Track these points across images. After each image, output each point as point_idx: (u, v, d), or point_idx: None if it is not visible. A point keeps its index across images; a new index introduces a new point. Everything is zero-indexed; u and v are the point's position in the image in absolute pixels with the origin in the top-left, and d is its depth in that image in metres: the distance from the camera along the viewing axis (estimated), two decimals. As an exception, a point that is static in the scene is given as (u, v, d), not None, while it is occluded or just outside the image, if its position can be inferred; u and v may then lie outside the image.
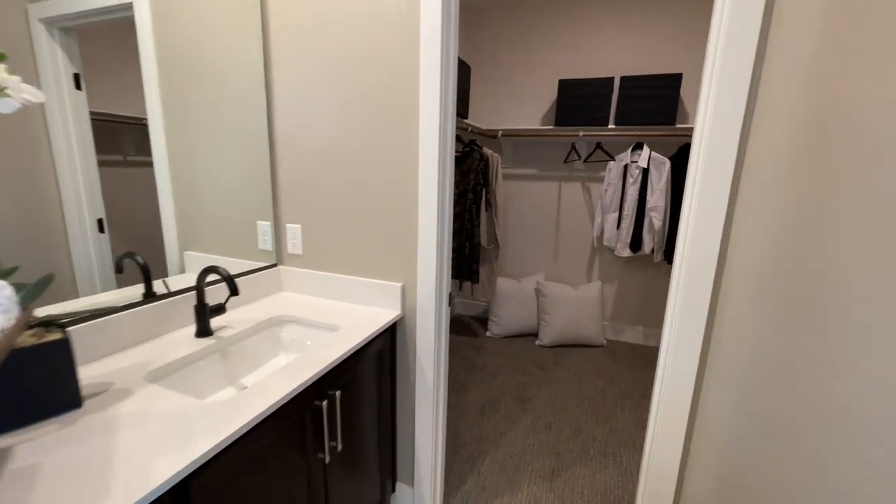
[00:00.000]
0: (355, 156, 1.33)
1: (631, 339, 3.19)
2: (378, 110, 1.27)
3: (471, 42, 3.16)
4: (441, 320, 1.37)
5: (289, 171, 1.45)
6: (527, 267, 3.36)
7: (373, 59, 1.25)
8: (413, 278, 1.34)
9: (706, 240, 0.99)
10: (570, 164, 3.08)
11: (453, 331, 3.28)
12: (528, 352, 2.95)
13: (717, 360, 1.05)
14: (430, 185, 1.24)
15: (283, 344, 1.32)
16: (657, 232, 2.66)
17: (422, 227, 1.28)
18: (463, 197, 2.56)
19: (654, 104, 2.60)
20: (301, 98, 1.37)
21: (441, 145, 1.22)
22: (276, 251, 1.55)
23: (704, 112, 0.96)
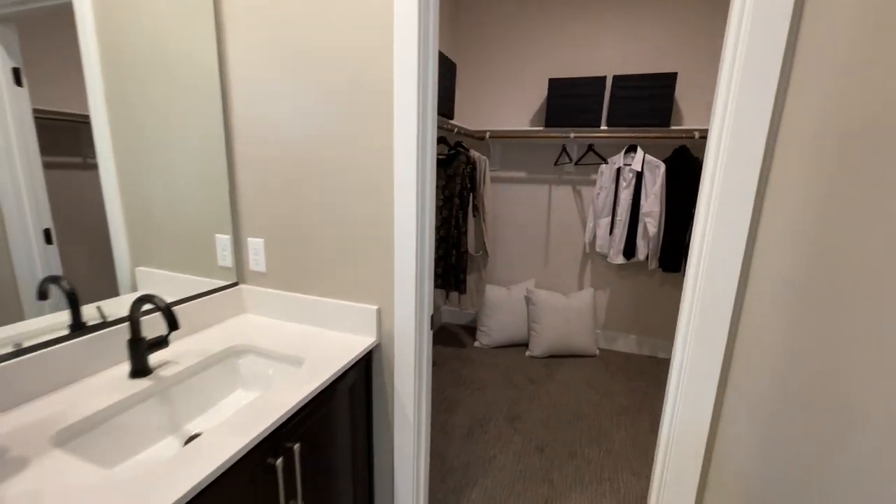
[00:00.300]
0: (323, 162, 1.17)
1: (624, 348, 3.08)
2: (348, 110, 1.11)
3: (456, 39, 3.01)
4: (422, 347, 1.22)
5: (249, 178, 1.28)
6: (516, 274, 3.23)
7: (341, 53, 1.09)
8: (390, 300, 1.19)
9: (726, 255, 0.85)
10: (560, 166, 2.96)
11: (439, 341, 3.13)
12: (518, 363, 2.82)
13: (738, 398, 0.91)
14: (407, 193, 1.08)
15: (242, 378, 1.15)
16: (652, 238, 2.55)
17: (399, 242, 1.12)
18: (449, 202, 2.42)
19: (647, 105, 2.49)
20: (260, 96, 1.20)
21: (420, 149, 1.06)
22: (238, 268, 1.38)
23: (724, 112, 0.83)
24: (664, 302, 2.91)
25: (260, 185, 1.27)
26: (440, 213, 2.43)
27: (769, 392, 0.88)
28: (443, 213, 2.43)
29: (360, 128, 1.11)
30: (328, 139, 1.15)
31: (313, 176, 1.19)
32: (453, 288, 2.50)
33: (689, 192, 2.47)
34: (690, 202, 2.48)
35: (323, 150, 1.16)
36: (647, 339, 3.01)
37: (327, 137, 1.15)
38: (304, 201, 1.22)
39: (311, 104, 1.15)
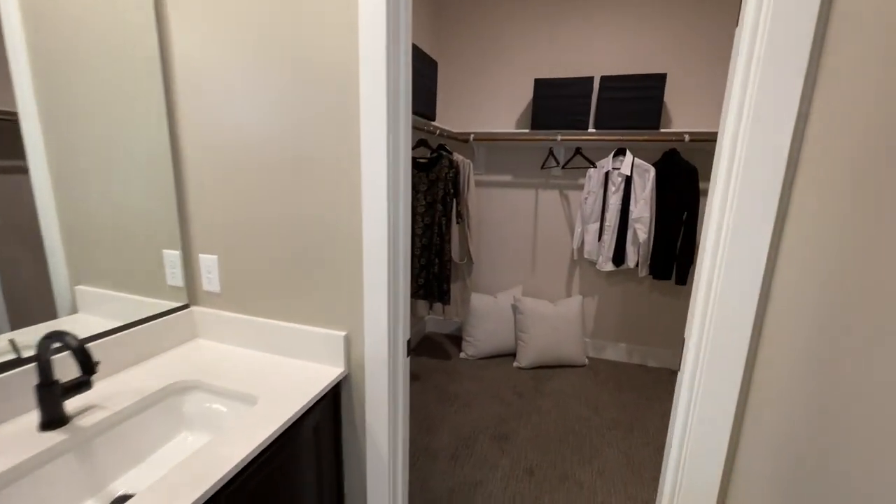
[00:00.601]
0: (281, 167, 1.03)
1: (613, 357, 2.99)
2: (309, 110, 0.97)
3: (438, 36, 2.89)
4: (397, 377, 1.08)
5: (199, 185, 1.13)
6: (503, 281, 3.11)
7: (299, 43, 0.95)
8: (359, 324, 1.05)
9: (745, 270, 0.74)
10: (547, 170, 2.86)
11: (423, 352, 2.99)
12: (505, 376, 2.70)
13: (757, 436, 0.80)
14: (376, 203, 0.95)
15: (188, 419, 1.00)
16: (642, 245, 2.46)
17: (368, 259, 0.98)
18: (431, 208, 2.29)
19: (636, 106, 2.40)
20: (210, 94, 1.05)
21: (391, 151, 0.93)
22: (189, 288, 1.22)
23: (740, 105, 0.71)
24: (654, 309, 2.83)
25: (212, 195, 1.12)
26: (422, 220, 2.30)
27: (793, 440, 0.77)
28: (425, 219, 2.30)
29: (323, 129, 0.97)
30: (286, 143, 1.01)
31: (270, 184, 1.05)
32: (436, 298, 2.36)
33: (679, 197, 2.39)
34: (681, 207, 2.40)
35: (281, 156, 1.02)
36: (636, 348, 2.93)
37: (286, 141, 1.01)
38: (261, 213, 1.08)
39: (266, 103, 1.00)
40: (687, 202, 2.37)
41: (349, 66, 0.92)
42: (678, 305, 2.77)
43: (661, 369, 2.86)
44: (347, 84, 0.93)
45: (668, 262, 2.46)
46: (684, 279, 2.45)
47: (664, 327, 2.84)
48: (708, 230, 0.79)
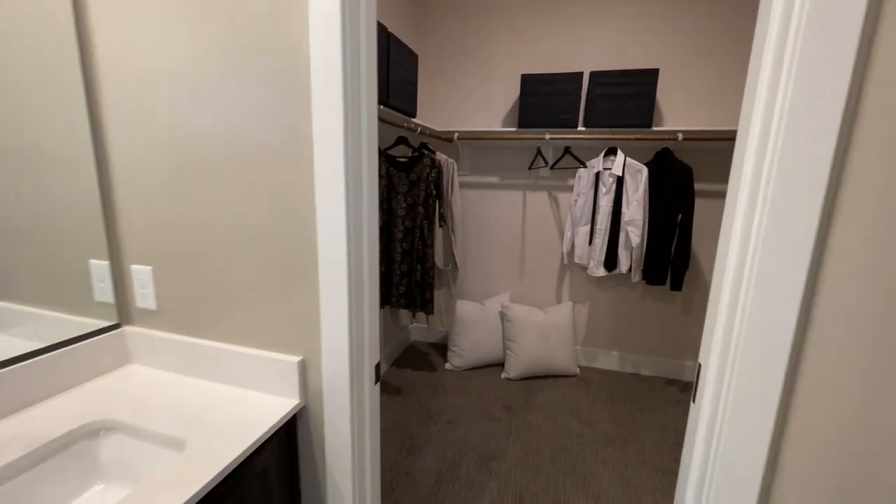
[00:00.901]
0: (223, 165, 0.86)
1: (605, 365, 2.86)
2: (251, 97, 0.81)
3: (419, 29, 2.74)
4: (363, 410, 0.92)
5: (128, 183, 0.96)
6: (490, 287, 2.97)
7: (240, 22, 0.79)
8: (317, 347, 0.89)
9: (781, 285, 0.60)
10: (535, 170, 2.73)
11: (407, 364, 2.82)
12: (493, 388, 2.55)
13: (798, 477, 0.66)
14: (331, 202, 0.79)
15: (102, 467, 0.82)
16: (634, 249, 2.34)
17: (325, 268, 0.82)
18: (412, 211, 2.13)
19: (628, 103, 2.29)
20: (138, 76, 0.88)
21: (349, 147, 0.77)
22: (120, 305, 1.04)
23: (769, 106, 0.58)
24: (647, 316, 2.72)
25: (144, 194, 0.95)
26: (402, 224, 2.14)
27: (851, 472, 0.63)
28: (405, 223, 2.14)
29: (270, 121, 0.81)
30: (226, 137, 0.85)
31: (210, 185, 0.88)
32: (419, 308, 2.21)
33: (673, 199, 2.27)
34: (675, 209, 2.29)
35: (222, 152, 0.86)
36: (629, 356, 2.81)
37: (225, 135, 0.85)
38: (201, 215, 0.91)
39: (200, 89, 0.84)
40: (681, 204, 2.26)
41: (299, 46, 0.76)
42: (672, 311, 2.66)
43: (654, 378, 2.74)
44: (297, 67, 0.77)
45: (663, 266, 2.35)
46: (679, 285, 2.34)
47: (658, 334, 2.72)
48: (730, 241, 0.65)
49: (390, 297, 2.20)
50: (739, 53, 2.26)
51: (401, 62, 1.87)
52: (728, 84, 2.31)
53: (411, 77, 2.03)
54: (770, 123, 0.58)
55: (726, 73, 2.30)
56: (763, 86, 0.59)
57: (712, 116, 2.36)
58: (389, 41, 1.74)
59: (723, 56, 2.29)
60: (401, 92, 1.93)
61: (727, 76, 2.30)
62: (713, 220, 2.46)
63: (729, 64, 2.29)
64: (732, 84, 2.30)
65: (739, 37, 2.25)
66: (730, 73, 2.29)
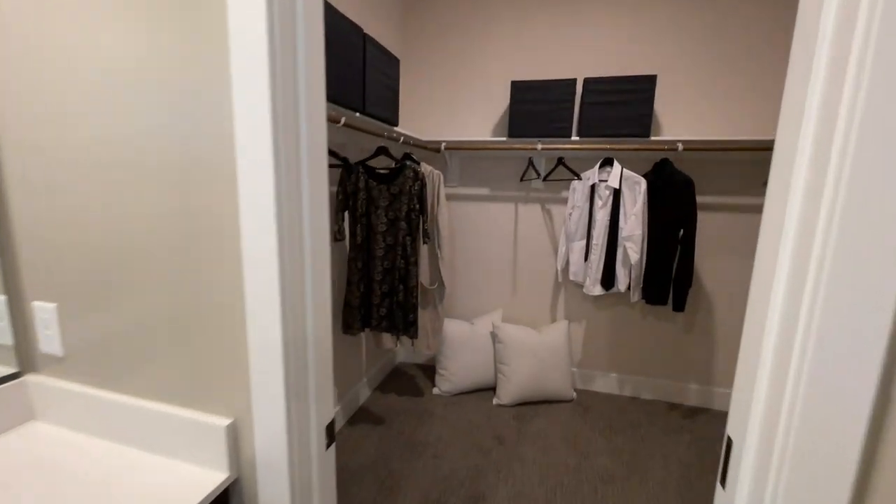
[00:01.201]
0: (138, 178, 0.70)
1: (603, 388, 2.69)
2: (161, 88, 0.65)
3: (405, 34, 2.61)
4: (310, 482, 0.74)
5: (26, 206, 0.79)
6: (480, 305, 2.80)
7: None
8: (247, 406, 0.71)
9: (862, 325, 0.44)
10: (527, 182, 2.58)
11: (391, 389, 2.63)
12: (484, 415, 2.37)
13: None
14: (260, 224, 0.62)
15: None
16: (634, 266, 2.19)
17: (252, 306, 0.66)
18: (394, 226, 1.97)
19: (624, 112, 2.16)
20: (27, 62, 0.72)
21: (281, 153, 0.61)
22: (21, 349, 0.87)
23: (823, 122, 0.42)
24: (647, 336, 2.56)
25: (45, 218, 0.78)
26: (383, 240, 1.97)
27: None
28: (387, 239, 1.98)
29: (183, 114, 0.65)
30: (137, 142, 0.68)
31: (119, 199, 0.72)
32: (402, 331, 2.03)
33: (674, 213, 2.13)
34: (676, 224, 2.14)
35: (135, 159, 0.69)
36: (628, 378, 2.64)
37: (135, 140, 0.68)
38: (110, 242, 0.74)
39: (102, 80, 0.68)
40: (683, 218, 2.12)
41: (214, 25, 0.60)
42: (674, 331, 2.50)
43: (655, 402, 2.57)
44: (214, 47, 0.61)
45: (664, 285, 2.19)
46: (682, 305, 2.18)
47: (658, 355, 2.56)
48: (774, 276, 0.49)
49: (370, 319, 2.03)
50: (741, 59, 2.14)
51: (379, 67, 1.73)
52: (729, 91, 2.18)
53: (391, 83, 1.88)
54: (831, 133, 0.42)
55: (727, 80, 2.18)
56: (815, 91, 0.44)
57: (713, 126, 2.23)
58: (366, 44, 1.60)
59: (722, 62, 2.17)
60: (380, 99, 1.78)
61: (728, 83, 2.18)
62: (716, 235, 2.32)
63: (730, 70, 2.17)
64: (734, 91, 2.18)
65: (740, 42, 2.13)
66: (731, 80, 2.17)
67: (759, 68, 2.13)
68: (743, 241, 2.30)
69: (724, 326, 2.42)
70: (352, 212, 1.93)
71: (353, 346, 2.30)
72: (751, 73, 2.14)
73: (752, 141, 2.02)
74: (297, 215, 0.65)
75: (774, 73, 2.11)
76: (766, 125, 2.17)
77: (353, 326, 2.00)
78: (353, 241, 1.95)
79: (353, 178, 1.90)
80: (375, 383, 2.65)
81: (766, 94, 2.14)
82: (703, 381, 2.51)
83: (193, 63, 0.62)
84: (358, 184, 1.90)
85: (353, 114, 1.63)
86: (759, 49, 2.12)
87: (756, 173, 2.23)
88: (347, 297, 1.98)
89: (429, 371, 2.86)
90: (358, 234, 1.93)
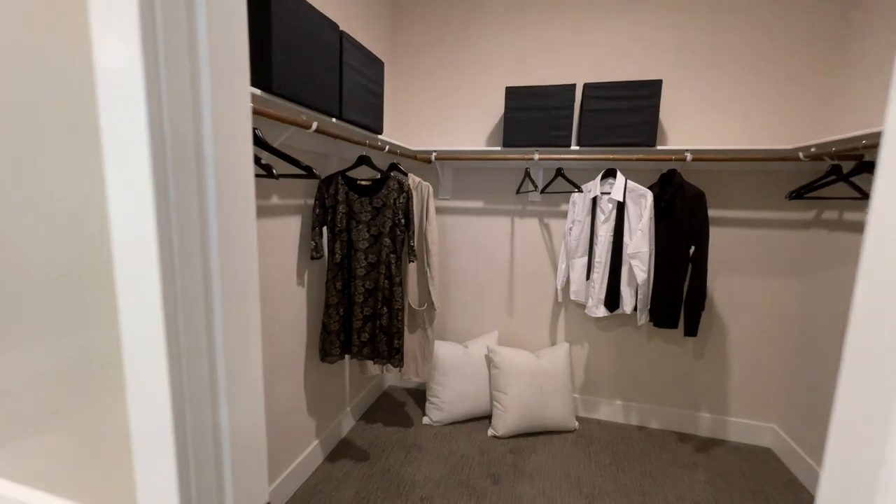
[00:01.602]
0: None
1: (607, 416, 2.48)
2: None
3: (394, 39, 2.48)
4: None
5: None
6: (474, 326, 2.61)
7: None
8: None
9: None
10: (524, 195, 2.42)
11: (378, 418, 2.43)
12: (478, 450, 2.16)
13: None
14: (135, 250, 0.44)
15: None
16: (641, 286, 2.01)
17: (132, 388, 0.47)
18: (377, 243, 1.79)
19: (628, 119, 2.00)
20: None
21: (161, 157, 0.43)
22: None
23: None
24: (654, 359, 2.37)
25: None
26: (365, 258, 1.80)
27: None
28: (369, 257, 1.80)
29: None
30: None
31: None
32: (386, 359, 1.84)
33: (684, 228, 1.96)
34: (687, 240, 1.97)
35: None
36: (634, 405, 2.44)
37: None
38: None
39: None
40: (694, 234, 1.95)
41: None
42: (683, 355, 2.31)
43: (664, 432, 2.37)
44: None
45: (673, 307, 2.01)
46: (694, 329, 1.99)
47: (667, 381, 2.36)
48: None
49: (351, 346, 1.84)
50: (753, 62, 2.00)
51: (358, 68, 1.57)
52: (741, 97, 2.03)
53: (374, 87, 1.72)
54: None
55: (738, 85, 2.03)
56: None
57: (723, 134, 2.07)
58: (342, 42, 1.44)
59: (732, 65, 2.02)
60: (360, 103, 1.62)
61: (740, 88, 2.03)
62: (727, 252, 2.15)
63: (742, 74, 2.02)
64: (746, 97, 2.03)
65: (752, 44, 1.99)
66: (743, 85, 2.02)
67: (776, 71, 1.98)
68: (756, 257, 2.13)
69: (737, 350, 2.23)
70: (330, 227, 1.75)
71: (334, 372, 2.10)
72: (766, 77, 1.99)
73: (767, 150, 1.86)
74: (195, 251, 0.47)
75: (794, 76, 1.96)
76: (782, 133, 2.01)
77: (332, 354, 1.80)
78: (332, 260, 1.77)
79: (331, 190, 1.73)
80: (361, 412, 2.44)
81: (784, 100, 1.99)
82: (716, 410, 2.31)
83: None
84: (337, 196, 1.73)
85: (329, 119, 1.46)
86: (774, 49, 1.97)
87: (769, 184, 2.06)
88: (325, 321, 1.79)
89: (420, 396, 2.66)
90: (337, 251, 1.75)
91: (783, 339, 2.15)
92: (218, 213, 0.47)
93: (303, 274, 1.78)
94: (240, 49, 0.49)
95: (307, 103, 1.30)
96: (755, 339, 2.20)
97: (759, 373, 2.21)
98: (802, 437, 2.02)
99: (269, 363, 1.60)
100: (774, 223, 2.09)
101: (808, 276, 2.03)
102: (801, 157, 1.75)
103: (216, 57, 0.45)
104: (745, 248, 2.14)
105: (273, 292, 1.60)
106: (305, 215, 1.75)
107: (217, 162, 0.47)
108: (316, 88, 1.33)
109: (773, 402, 2.21)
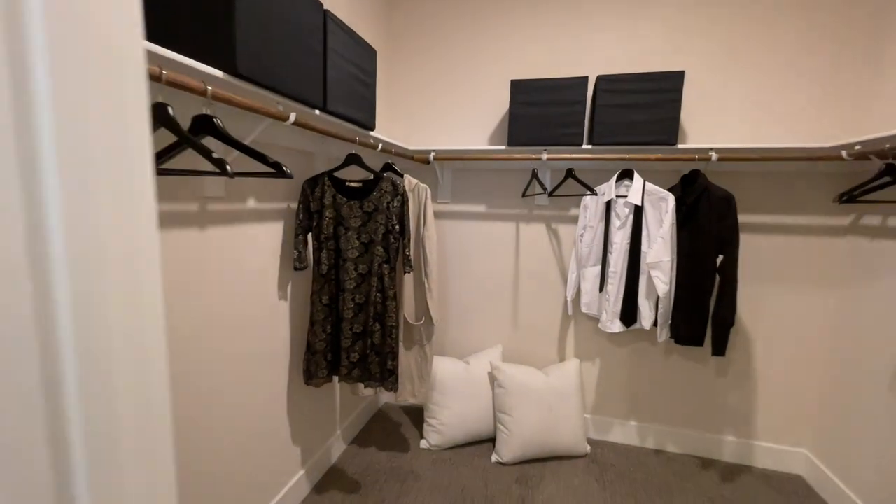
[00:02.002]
0: None
1: (622, 439, 2.28)
2: None
3: (390, 29, 2.30)
4: None
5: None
6: (476, 341, 2.41)
7: None
8: None
9: None
10: (530, 198, 2.23)
11: (371, 440, 2.22)
12: (480, 479, 1.95)
13: None
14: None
15: None
16: (662, 299, 1.81)
17: None
18: (368, 251, 1.60)
19: (646, 115, 1.82)
20: None
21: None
22: None
23: None
24: (672, 378, 2.17)
25: None
26: (355, 269, 1.60)
27: None
28: (359, 268, 1.61)
29: None
30: None
31: None
32: (378, 381, 1.64)
33: (710, 236, 1.76)
34: (714, 249, 1.77)
35: None
36: (651, 427, 2.23)
37: None
38: None
39: None
40: (722, 241, 1.75)
41: None
42: (704, 373, 2.11)
43: (684, 457, 2.16)
44: None
45: (698, 323, 1.81)
46: (722, 348, 1.79)
47: (687, 401, 2.16)
48: None
49: (339, 367, 1.64)
50: (785, 52, 1.81)
51: (345, 55, 1.38)
52: (771, 91, 1.85)
53: (365, 78, 1.54)
54: None
55: (769, 78, 1.84)
56: None
57: (752, 131, 1.89)
58: (326, 22, 1.26)
59: (758, 55, 1.84)
60: (347, 94, 1.43)
61: (770, 81, 1.84)
62: (754, 261, 1.95)
63: (772, 65, 1.83)
64: (777, 91, 1.84)
65: (784, 33, 1.81)
66: (773, 78, 1.84)
67: (810, 62, 1.80)
68: (790, 267, 1.93)
69: (764, 368, 2.03)
70: (316, 234, 1.56)
71: (323, 393, 1.90)
72: (800, 69, 1.81)
73: (805, 149, 1.67)
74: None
75: (828, 67, 1.78)
76: (813, 132, 1.83)
77: (317, 376, 1.61)
78: (318, 271, 1.57)
79: (317, 193, 1.54)
80: (353, 434, 2.24)
81: (820, 93, 1.81)
82: (741, 434, 2.10)
83: None
84: (323, 199, 1.54)
85: (311, 111, 1.27)
86: (809, 38, 1.79)
87: (801, 186, 1.87)
88: (310, 339, 1.59)
89: (417, 415, 2.45)
90: (323, 261, 1.56)
91: (815, 355, 1.95)
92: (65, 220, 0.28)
93: (285, 287, 1.59)
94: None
95: (283, 91, 1.11)
96: (784, 356, 2.00)
97: (789, 392, 2.01)
98: (837, 463, 1.83)
99: (247, 386, 1.41)
100: (803, 229, 1.90)
101: (844, 287, 1.84)
102: (845, 156, 1.56)
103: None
104: (771, 255, 1.95)
105: (251, 306, 1.40)
106: (288, 221, 1.56)
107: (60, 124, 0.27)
108: (294, 74, 1.14)
109: (805, 425, 2.01)
